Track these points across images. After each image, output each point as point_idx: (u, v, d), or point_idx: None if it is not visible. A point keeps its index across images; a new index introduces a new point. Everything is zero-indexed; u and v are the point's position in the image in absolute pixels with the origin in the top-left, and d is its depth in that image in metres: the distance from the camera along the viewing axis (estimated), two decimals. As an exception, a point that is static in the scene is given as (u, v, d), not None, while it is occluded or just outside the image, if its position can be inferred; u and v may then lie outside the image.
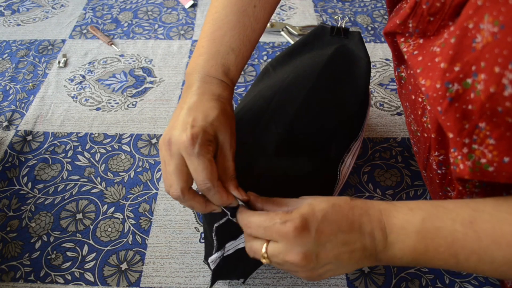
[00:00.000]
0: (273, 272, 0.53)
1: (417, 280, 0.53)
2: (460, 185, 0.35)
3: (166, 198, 0.61)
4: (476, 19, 0.28)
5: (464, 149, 0.31)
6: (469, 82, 0.29)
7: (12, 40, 0.87)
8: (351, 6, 0.96)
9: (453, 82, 0.30)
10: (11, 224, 0.58)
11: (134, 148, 0.67)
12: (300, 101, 0.47)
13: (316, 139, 0.47)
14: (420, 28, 0.37)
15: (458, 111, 0.30)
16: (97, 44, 0.86)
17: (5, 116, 0.72)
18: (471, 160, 0.31)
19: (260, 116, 0.48)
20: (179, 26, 0.91)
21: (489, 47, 0.27)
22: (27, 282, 0.52)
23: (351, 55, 0.54)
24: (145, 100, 0.75)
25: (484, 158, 0.30)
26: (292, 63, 0.56)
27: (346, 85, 0.52)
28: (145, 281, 0.53)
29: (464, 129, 0.30)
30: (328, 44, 0.56)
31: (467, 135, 0.30)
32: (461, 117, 0.30)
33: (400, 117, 0.72)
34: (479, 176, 0.30)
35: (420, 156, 0.47)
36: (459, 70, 0.30)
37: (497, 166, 0.29)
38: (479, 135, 0.30)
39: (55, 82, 0.78)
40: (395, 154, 0.66)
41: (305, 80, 0.50)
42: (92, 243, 0.56)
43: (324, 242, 0.33)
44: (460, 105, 0.30)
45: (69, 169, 0.64)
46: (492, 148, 0.29)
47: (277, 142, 0.45)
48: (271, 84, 0.53)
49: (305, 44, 0.57)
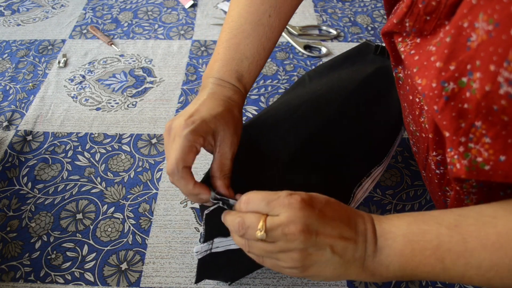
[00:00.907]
0: (273, 272, 0.53)
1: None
2: (458, 185, 0.35)
3: (166, 198, 0.61)
4: (470, 18, 0.28)
5: (461, 147, 0.31)
6: (464, 81, 0.30)
7: (12, 40, 0.87)
8: (351, 6, 0.96)
9: (449, 81, 0.30)
10: (11, 224, 0.58)
11: (134, 148, 0.67)
12: (327, 115, 0.46)
13: (334, 157, 0.46)
14: (417, 27, 0.37)
15: (454, 110, 0.30)
16: (97, 44, 0.86)
17: (5, 116, 0.72)
18: (467, 158, 0.31)
19: (282, 123, 0.47)
20: (179, 26, 0.91)
21: (484, 45, 0.27)
22: (27, 282, 0.52)
23: (391, 77, 0.52)
24: (145, 100, 0.75)
25: (480, 157, 0.30)
26: (330, 75, 0.55)
27: (380, 108, 0.50)
28: (145, 281, 0.53)
29: (460, 128, 0.30)
30: (370, 62, 0.55)
31: (463, 133, 0.30)
32: (457, 116, 0.30)
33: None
34: (476, 175, 0.30)
35: (419, 156, 0.47)
36: (454, 69, 0.30)
37: (493, 165, 0.29)
38: (475, 134, 0.30)
39: (55, 82, 0.78)
40: (395, 154, 0.66)
41: (337, 95, 0.49)
42: (92, 243, 0.56)
43: (325, 224, 0.33)
44: (456, 104, 0.30)
45: (69, 169, 0.64)
46: (488, 147, 0.29)
47: (292, 153, 0.44)
48: (302, 93, 0.52)
49: (347, 59, 0.56)
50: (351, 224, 0.34)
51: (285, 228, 0.32)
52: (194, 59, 0.83)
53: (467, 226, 0.31)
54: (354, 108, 0.49)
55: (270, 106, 0.54)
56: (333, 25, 0.91)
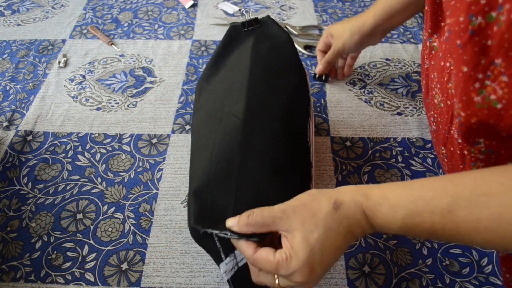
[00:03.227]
0: (273, 272, 0.53)
1: (418, 280, 0.53)
2: (466, 149, 0.35)
3: (166, 198, 0.61)
4: None
5: (476, 83, 0.31)
6: (493, 16, 0.30)
7: (12, 40, 0.87)
8: (351, 6, 0.96)
9: (477, 15, 0.30)
10: (12, 224, 0.58)
11: (134, 148, 0.67)
12: (244, 97, 0.48)
13: (278, 115, 0.48)
14: None
15: (477, 45, 0.31)
16: (97, 44, 0.86)
17: (5, 116, 0.72)
18: (481, 95, 0.31)
19: (217, 124, 0.49)
20: (179, 26, 0.91)
21: None
22: (28, 282, 0.52)
23: (270, 37, 0.57)
24: (145, 100, 0.75)
25: (494, 95, 0.30)
26: (222, 70, 0.57)
27: (277, 61, 0.54)
28: (146, 281, 0.53)
29: (480, 64, 0.31)
30: (246, 38, 0.57)
31: (481, 70, 0.31)
32: (479, 52, 0.30)
33: (400, 117, 0.72)
34: (486, 115, 0.30)
35: (440, 131, 0.47)
36: (485, 3, 0.30)
37: (506, 104, 0.29)
38: (493, 72, 0.30)
39: (55, 82, 0.78)
40: (395, 154, 0.66)
41: (242, 77, 0.51)
42: (93, 243, 0.56)
43: (326, 262, 0.35)
44: (480, 39, 0.30)
45: (70, 169, 0.64)
46: (504, 85, 0.29)
47: (243, 140, 0.45)
48: (213, 97, 0.54)
49: (225, 48, 0.58)
50: (347, 239, 0.36)
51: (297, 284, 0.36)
52: (194, 59, 0.83)
53: (459, 210, 0.31)
54: (262, 75, 0.51)
55: (196, 118, 0.55)
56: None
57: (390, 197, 0.35)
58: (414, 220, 0.33)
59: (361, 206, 0.35)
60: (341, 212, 0.35)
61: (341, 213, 0.35)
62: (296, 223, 0.35)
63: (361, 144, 0.68)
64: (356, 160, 0.66)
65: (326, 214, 0.35)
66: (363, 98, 0.75)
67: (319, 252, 0.34)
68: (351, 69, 0.76)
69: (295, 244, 0.35)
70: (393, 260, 0.55)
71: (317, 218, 0.35)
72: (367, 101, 0.75)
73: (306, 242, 0.34)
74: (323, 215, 0.35)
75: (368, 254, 0.55)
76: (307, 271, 0.34)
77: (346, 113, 0.73)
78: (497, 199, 0.29)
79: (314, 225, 0.35)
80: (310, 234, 0.35)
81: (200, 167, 0.45)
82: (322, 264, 0.35)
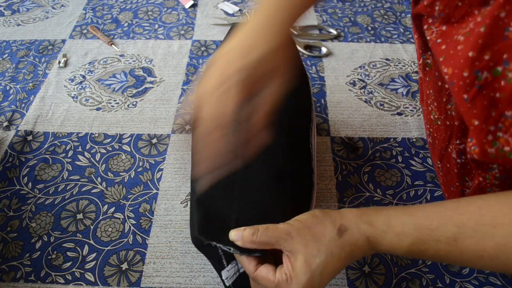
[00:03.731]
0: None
1: (418, 280, 0.53)
2: (481, 176, 0.35)
3: (166, 198, 0.61)
4: (508, 8, 0.29)
5: (489, 136, 0.31)
6: (499, 70, 0.30)
7: (12, 40, 0.87)
8: (351, 6, 0.96)
9: (483, 70, 0.31)
10: (12, 224, 0.58)
11: (134, 148, 0.67)
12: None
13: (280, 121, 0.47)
14: (446, 12, 0.37)
15: (486, 98, 0.31)
16: (97, 44, 0.86)
17: (5, 116, 0.72)
18: (495, 147, 0.31)
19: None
20: (179, 26, 0.91)
21: None
22: (28, 282, 0.52)
23: None
24: (146, 100, 0.75)
25: (508, 146, 0.30)
26: None
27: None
28: (146, 281, 0.53)
29: (490, 116, 0.31)
30: None
31: (493, 122, 0.31)
32: (488, 105, 0.31)
33: (401, 117, 0.72)
34: (501, 162, 0.31)
35: (436, 146, 0.46)
36: (489, 59, 0.30)
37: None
38: (505, 123, 0.30)
39: (55, 82, 0.78)
40: (396, 154, 0.66)
41: None
42: (93, 243, 0.56)
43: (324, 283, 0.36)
44: (488, 93, 0.31)
45: (70, 169, 0.64)
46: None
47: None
48: None
49: None
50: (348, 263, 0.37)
51: None
52: (194, 59, 0.83)
53: (465, 239, 0.32)
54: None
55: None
56: (333, 25, 0.91)
57: (395, 225, 0.35)
58: (419, 247, 0.34)
59: (365, 234, 0.36)
60: (345, 239, 0.36)
61: (344, 240, 0.36)
62: (299, 246, 0.36)
63: (361, 144, 0.68)
64: (356, 160, 0.66)
65: (330, 240, 0.36)
66: (363, 98, 0.75)
67: (319, 276, 0.35)
68: None
69: (296, 266, 0.35)
70: (393, 260, 0.55)
71: (320, 243, 0.35)
72: (367, 101, 0.75)
73: (308, 267, 0.35)
74: (327, 241, 0.36)
75: (368, 254, 0.55)
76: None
77: (346, 113, 0.73)
78: (502, 230, 0.30)
79: (317, 250, 0.35)
80: (313, 258, 0.35)
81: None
82: (321, 285, 0.36)
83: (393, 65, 0.81)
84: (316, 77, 0.79)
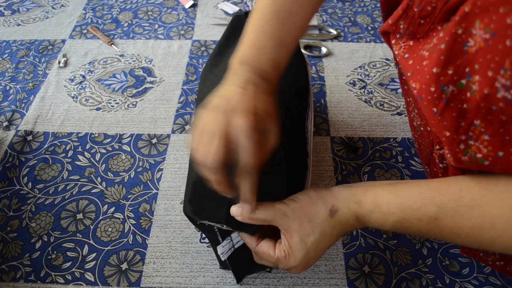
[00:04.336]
0: (273, 272, 0.53)
1: (418, 280, 0.53)
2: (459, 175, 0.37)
3: (166, 198, 0.61)
4: (465, 25, 0.30)
5: (461, 145, 0.33)
6: (463, 83, 0.31)
7: (12, 40, 0.87)
8: (351, 6, 0.96)
9: (448, 85, 0.32)
10: (12, 224, 0.58)
11: (134, 148, 0.67)
12: None
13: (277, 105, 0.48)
14: (411, 29, 0.38)
15: (454, 110, 0.32)
16: (97, 44, 0.86)
17: (5, 116, 0.72)
18: (468, 155, 0.33)
19: None
20: (179, 26, 0.91)
21: (482, 52, 0.29)
22: (28, 282, 0.52)
23: None
24: (145, 100, 0.75)
25: (480, 153, 0.32)
26: (224, 59, 0.57)
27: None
28: (146, 281, 0.53)
29: (460, 126, 0.32)
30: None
31: (463, 132, 0.32)
32: (457, 116, 0.32)
33: (400, 117, 0.72)
34: (475, 168, 0.33)
35: (422, 151, 0.48)
36: (452, 73, 0.32)
37: (492, 160, 0.31)
38: (475, 132, 0.32)
39: (55, 82, 0.78)
40: (395, 154, 0.66)
41: None
42: (93, 243, 0.56)
43: (318, 257, 0.40)
44: (455, 105, 0.32)
45: (70, 169, 0.64)
46: (487, 144, 0.31)
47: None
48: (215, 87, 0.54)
49: (228, 38, 0.59)
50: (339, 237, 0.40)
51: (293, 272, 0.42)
52: (194, 59, 0.83)
53: (444, 219, 0.34)
54: None
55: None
56: (333, 25, 0.91)
57: (381, 205, 0.37)
58: (403, 225, 0.37)
59: (354, 214, 0.39)
60: (336, 218, 0.39)
61: (335, 220, 0.39)
62: (294, 225, 0.39)
63: (361, 144, 0.68)
64: (356, 160, 0.66)
65: (323, 220, 0.39)
66: (363, 98, 0.75)
67: (313, 252, 0.39)
68: None
69: (293, 244, 0.39)
70: (393, 260, 0.55)
71: (314, 223, 0.39)
72: (367, 101, 0.75)
73: (303, 244, 0.38)
74: (320, 221, 0.39)
75: (368, 254, 0.55)
76: (302, 266, 0.39)
77: (346, 113, 0.73)
78: (478, 211, 0.32)
79: (311, 229, 0.38)
80: (307, 237, 0.38)
81: None
82: (315, 259, 0.40)
83: (393, 65, 0.81)
84: (316, 77, 0.79)
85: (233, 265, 0.47)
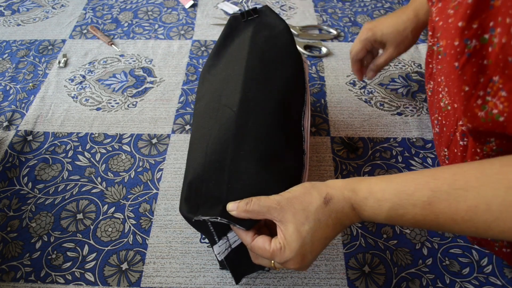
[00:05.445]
0: (273, 272, 0.53)
1: (418, 280, 0.53)
2: (479, 147, 0.37)
3: (166, 198, 0.61)
4: None
5: (479, 100, 0.33)
6: (486, 38, 0.32)
7: (12, 40, 0.87)
8: (351, 6, 0.96)
9: (472, 39, 0.33)
10: (12, 224, 0.58)
11: (134, 148, 0.67)
12: (240, 89, 0.49)
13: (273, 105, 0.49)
14: None
15: (475, 65, 0.33)
16: (97, 44, 0.86)
17: (5, 116, 0.72)
18: (484, 110, 0.33)
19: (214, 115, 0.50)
20: (179, 26, 0.91)
21: (506, 1, 0.29)
22: (28, 282, 0.52)
23: (268, 26, 0.58)
24: (146, 100, 0.75)
25: (496, 109, 0.32)
26: (222, 60, 0.58)
27: (274, 50, 0.55)
28: (146, 281, 0.53)
29: (479, 82, 0.33)
30: (246, 28, 0.58)
31: (482, 87, 0.33)
32: (477, 71, 0.33)
33: (401, 117, 0.72)
34: (491, 127, 0.33)
35: (444, 133, 0.48)
36: (477, 27, 0.32)
37: (507, 116, 0.31)
38: (493, 88, 0.32)
39: (55, 82, 0.78)
40: (396, 154, 0.66)
41: (239, 69, 0.52)
42: (93, 243, 0.56)
43: (316, 251, 0.39)
44: (477, 60, 0.33)
45: (70, 169, 0.64)
46: (504, 100, 0.32)
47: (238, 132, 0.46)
48: (212, 88, 0.54)
49: (226, 38, 0.59)
50: (336, 229, 0.39)
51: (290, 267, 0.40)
52: (194, 59, 0.83)
53: (439, 203, 0.33)
54: (258, 66, 0.52)
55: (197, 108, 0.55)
56: (333, 25, 0.91)
57: (376, 191, 0.37)
58: (397, 212, 0.36)
59: (349, 201, 0.38)
60: (331, 206, 0.38)
61: (330, 207, 0.38)
62: (289, 215, 0.38)
63: (361, 144, 0.68)
64: (356, 160, 0.66)
65: (317, 208, 0.38)
66: (363, 98, 0.75)
67: (309, 243, 0.38)
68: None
69: (288, 235, 0.38)
70: (393, 260, 0.55)
71: (308, 212, 0.38)
72: (367, 101, 0.75)
73: (298, 234, 0.37)
74: (314, 209, 0.38)
75: (368, 254, 0.55)
76: (299, 259, 0.38)
77: (346, 113, 0.73)
78: (473, 193, 0.32)
79: (305, 218, 0.38)
80: (302, 226, 0.38)
81: (196, 158, 0.47)
82: (313, 252, 0.38)
83: (393, 65, 0.81)
84: (316, 77, 0.79)
85: (230, 266, 0.47)
